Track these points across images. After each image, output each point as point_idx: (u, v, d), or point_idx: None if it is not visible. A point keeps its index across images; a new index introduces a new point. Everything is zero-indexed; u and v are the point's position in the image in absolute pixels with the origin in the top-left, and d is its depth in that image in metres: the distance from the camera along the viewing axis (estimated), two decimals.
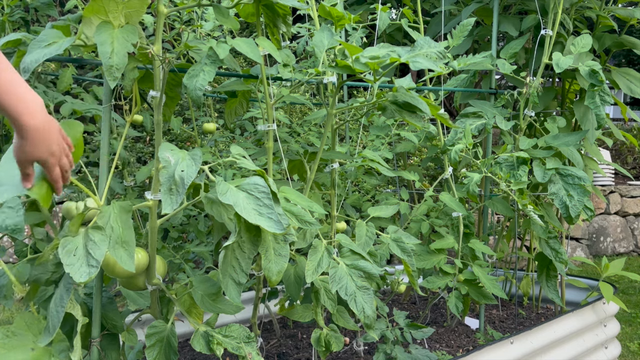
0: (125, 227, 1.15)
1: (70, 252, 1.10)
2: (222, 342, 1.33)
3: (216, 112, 3.02)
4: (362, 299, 1.42)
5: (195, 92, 1.28)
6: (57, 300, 1.21)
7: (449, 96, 3.94)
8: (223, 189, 1.14)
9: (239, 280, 1.22)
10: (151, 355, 1.32)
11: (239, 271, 1.22)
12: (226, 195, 1.12)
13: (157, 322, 1.37)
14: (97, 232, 1.12)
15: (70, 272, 1.06)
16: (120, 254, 1.11)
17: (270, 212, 1.14)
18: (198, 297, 1.36)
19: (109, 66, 1.13)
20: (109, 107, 1.39)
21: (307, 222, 1.39)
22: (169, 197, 1.10)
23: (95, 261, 1.07)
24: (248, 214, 1.12)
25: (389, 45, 1.46)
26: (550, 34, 2.23)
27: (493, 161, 2.15)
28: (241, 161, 1.27)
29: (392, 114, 1.52)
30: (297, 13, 2.19)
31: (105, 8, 1.17)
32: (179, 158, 1.12)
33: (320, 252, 1.46)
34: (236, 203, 1.12)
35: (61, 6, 2.93)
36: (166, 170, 1.10)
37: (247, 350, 1.32)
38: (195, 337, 1.35)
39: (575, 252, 5.51)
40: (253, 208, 1.13)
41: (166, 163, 1.10)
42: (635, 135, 7.17)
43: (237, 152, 1.31)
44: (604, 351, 2.45)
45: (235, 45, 1.33)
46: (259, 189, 1.16)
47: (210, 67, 1.30)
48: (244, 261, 1.22)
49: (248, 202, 1.14)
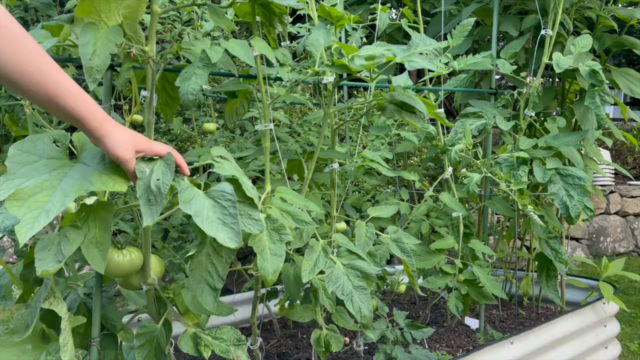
0: (102, 227, 1.12)
1: (45, 247, 1.09)
2: (210, 344, 1.32)
3: (216, 112, 3.02)
4: (359, 298, 1.41)
5: (186, 96, 1.27)
6: (37, 297, 1.22)
7: (449, 96, 3.94)
8: (187, 196, 1.09)
9: (215, 286, 1.19)
10: (141, 356, 1.32)
11: (215, 276, 1.19)
12: (189, 204, 1.07)
13: (147, 323, 1.36)
14: (72, 230, 1.10)
15: (37, 266, 1.05)
16: (93, 254, 1.09)
17: (233, 222, 1.08)
18: (189, 299, 1.35)
19: (89, 67, 1.11)
20: (109, 107, 1.39)
21: (303, 221, 1.39)
22: (148, 208, 1.05)
23: (62, 256, 1.06)
24: (210, 224, 1.07)
25: (386, 44, 1.45)
26: (550, 34, 2.23)
27: (493, 161, 2.15)
28: (218, 164, 1.22)
29: (391, 114, 1.52)
30: (297, 13, 2.19)
31: (97, 8, 1.15)
32: (153, 167, 1.07)
33: (317, 251, 1.46)
34: (199, 212, 1.07)
35: (61, 6, 2.93)
36: (142, 182, 1.04)
37: (236, 354, 1.32)
38: (183, 338, 1.35)
39: (575, 252, 5.51)
40: (218, 217, 1.08)
41: (141, 174, 1.05)
42: (635, 135, 7.17)
43: (217, 154, 1.26)
44: (604, 351, 2.45)
45: (228, 47, 1.32)
46: (225, 197, 1.10)
47: (203, 70, 1.29)
48: (221, 265, 1.19)
49: (214, 210, 1.09)
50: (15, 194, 0.96)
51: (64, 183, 1.01)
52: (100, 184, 1.02)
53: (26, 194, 0.97)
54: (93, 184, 1.01)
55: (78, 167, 1.05)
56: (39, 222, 0.94)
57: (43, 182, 1.00)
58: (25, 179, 1.00)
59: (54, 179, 1.02)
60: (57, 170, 1.04)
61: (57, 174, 1.03)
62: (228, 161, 1.26)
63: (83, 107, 0.98)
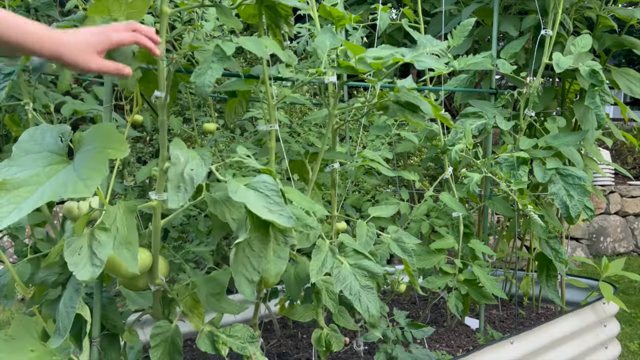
0: (130, 227, 1.15)
1: (74, 251, 1.10)
2: (227, 342, 1.33)
3: (216, 112, 3.02)
4: (367, 298, 1.42)
5: (203, 89, 1.29)
6: (66, 301, 1.22)
7: (449, 96, 3.94)
8: (234, 187, 1.14)
9: (251, 279, 1.22)
10: (155, 356, 1.32)
11: (250, 269, 1.22)
12: (237, 194, 1.13)
13: (161, 322, 1.37)
14: (102, 232, 1.13)
15: (73, 270, 1.06)
16: (124, 255, 1.12)
17: (280, 209, 1.14)
18: (203, 297, 1.37)
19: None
20: (110, 108, 1.39)
21: (308, 226, 1.39)
22: (176, 194, 1.10)
23: (100, 261, 1.08)
24: (260, 211, 1.12)
25: (391, 47, 1.47)
26: (550, 34, 2.23)
27: (493, 161, 2.15)
28: (248, 161, 1.28)
29: (394, 114, 1.53)
30: (297, 13, 2.19)
31: (108, 8, 1.18)
32: (188, 157, 1.13)
33: (324, 252, 1.46)
34: (247, 201, 1.12)
35: (61, 6, 2.93)
36: (175, 168, 1.10)
37: (251, 350, 1.33)
38: (200, 337, 1.35)
39: (575, 252, 5.51)
40: (263, 205, 1.14)
41: (176, 160, 1.10)
42: (635, 135, 7.17)
43: (243, 152, 1.32)
44: (604, 351, 2.45)
45: (241, 43, 1.34)
46: (268, 187, 1.16)
47: (218, 64, 1.31)
48: (255, 259, 1.22)
49: (258, 199, 1.14)
50: (4, 183, 0.98)
51: (50, 182, 1.01)
52: (71, 192, 1.00)
53: (12, 185, 0.99)
54: (66, 191, 1.00)
55: (68, 169, 1.06)
56: (10, 218, 0.94)
57: (33, 176, 1.01)
58: (22, 169, 1.02)
59: (43, 176, 1.02)
60: (52, 167, 1.05)
61: (50, 170, 1.04)
62: (251, 158, 1.30)
63: (32, 26, 0.98)
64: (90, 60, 1.03)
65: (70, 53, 1.00)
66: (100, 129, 1.13)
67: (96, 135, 1.10)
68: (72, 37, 1.02)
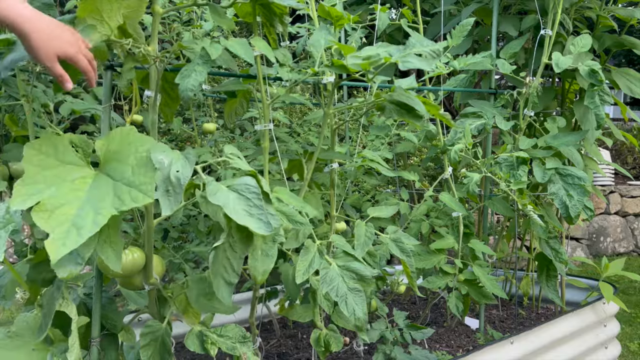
0: (113, 227, 1.12)
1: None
2: (216, 342, 1.33)
3: (216, 112, 3.02)
4: (354, 300, 1.40)
5: (185, 93, 1.27)
6: (48, 298, 1.22)
7: (449, 96, 3.93)
8: (213, 189, 1.12)
9: (230, 280, 1.20)
10: (146, 355, 1.32)
11: (230, 271, 1.20)
12: (216, 196, 1.10)
13: (152, 322, 1.36)
14: None
15: (54, 268, 1.05)
16: (107, 253, 1.10)
17: (260, 213, 1.11)
18: (193, 297, 1.35)
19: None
20: (109, 107, 1.39)
21: (298, 222, 1.38)
22: (166, 199, 1.07)
23: (81, 259, 1.06)
24: (237, 214, 1.09)
25: (387, 45, 1.45)
26: (549, 34, 2.23)
27: (493, 161, 2.15)
28: (234, 161, 1.25)
29: (390, 114, 1.52)
30: (296, 13, 2.19)
31: (98, 8, 1.15)
32: (172, 159, 1.09)
33: (312, 252, 1.46)
34: (226, 204, 1.09)
35: (61, 6, 2.93)
36: (161, 172, 1.06)
37: (242, 350, 1.32)
38: (189, 337, 1.35)
39: (575, 252, 5.51)
40: (243, 209, 1.11)
41: (160, 165, 1.06)
42: (635, 135, 7.17)
43: (230, 152, 1.29)
44: (604, 351, 2.45)
45: (228, 46, 1.33)
46: (249, 190, 1.13)
47: (202, 67, 1.29)
48: (235, 261, 1.20)
49: (239, 202, 1.11)
50: (42, 205, 0.96)
51: (89, 195, 1.00)
52: (130, 201, 1.01)
53: (51, 205, 0.97)
54: (124, 201, 1.01)
55: (101, 179, 1.05)
56: (70, 239, 0.94)
57: (65, 192, 1.00)
58: (45, 186, 1.00)
59: (77, 189, 1.01)
60: (79, 180, 1.04)
61: (79, 182, 1.03)
62: (240, 159, 1.28)
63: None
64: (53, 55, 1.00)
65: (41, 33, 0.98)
66: (125, 135, 1.11)
67: (126, 141, 1.09)
68: (45, 19, 1.00)
